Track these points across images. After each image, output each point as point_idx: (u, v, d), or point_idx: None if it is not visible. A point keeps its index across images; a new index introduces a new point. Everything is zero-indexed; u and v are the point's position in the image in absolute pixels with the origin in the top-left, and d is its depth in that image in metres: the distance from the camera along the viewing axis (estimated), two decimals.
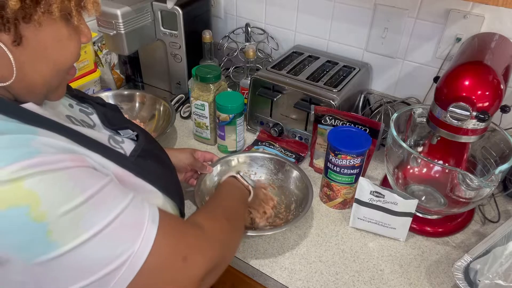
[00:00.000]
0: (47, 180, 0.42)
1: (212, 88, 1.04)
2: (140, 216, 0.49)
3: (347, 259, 0.82)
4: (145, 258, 0.47)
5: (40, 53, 0.48)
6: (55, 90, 0.54)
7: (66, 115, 0.59)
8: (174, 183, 0.68)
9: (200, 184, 0.89)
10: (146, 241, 0.48)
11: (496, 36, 0.87)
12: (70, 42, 0.50)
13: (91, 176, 0.47)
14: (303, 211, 0.83)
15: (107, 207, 0.46)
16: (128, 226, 0.47)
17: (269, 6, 1.26)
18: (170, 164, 0.71)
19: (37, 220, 0.41)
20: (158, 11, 1.16)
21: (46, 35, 0.47)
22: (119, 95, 1.20)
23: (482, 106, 0.73)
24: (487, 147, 0.88)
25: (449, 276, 0.79)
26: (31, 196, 0.41)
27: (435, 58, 1.06)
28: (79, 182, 0.45)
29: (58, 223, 0.42)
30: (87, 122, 0.62)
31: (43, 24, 0.46)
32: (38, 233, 0.42)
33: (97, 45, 1.26)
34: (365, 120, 0.94)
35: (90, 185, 0.46)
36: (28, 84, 0.49)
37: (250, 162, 0.98)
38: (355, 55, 1.18)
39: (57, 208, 0.42)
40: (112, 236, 0.46)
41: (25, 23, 0.45)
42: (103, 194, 0.46)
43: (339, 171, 0.88)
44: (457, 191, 0.81)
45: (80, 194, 0.44)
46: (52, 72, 0.50)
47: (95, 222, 0.44)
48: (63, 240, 0.43)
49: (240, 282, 0.88)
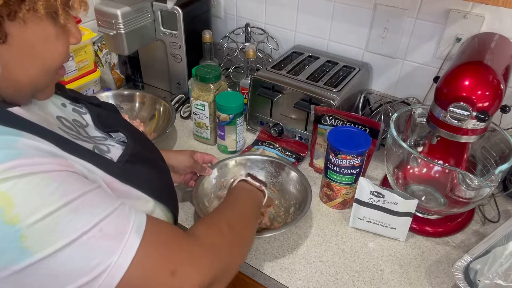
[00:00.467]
0: (23, 183, 0.41)
1: (212, 88, 1.04)
2: (122, 226, 0.46)
3: (347, 259, 0.82)
4: (125, 271, 0.44)
5: (26, 51, 0.47)
6: (42, 89, 0.53)
7: (56, 116, 0.57)
8: (166, 187, 0.65)
9: (198, 186, 0.89)
10: (126, 252, 0.45)
11: (496, 36, 0.87)
12: (57, 42, 0.49)
13: (75, 181, 0.46)
14: (301, 215, 0.83)
15: (87, 214, 0.44)
16: (108, 236, 0.44)
17: (269, 6, 1.26)
18: (163, 167, 0.68)
19: (10, 223, 0.40)
20: (158, 11, 1.16)
21: (32, 33, 0.46)
22: (119, 95, 1.20)
23: (482, 106, 0.73)
24: (487, 147, 0.88)
25: (449, 276, 0.79)
26: (4, 199, 0.40)
27: (435, 58, 1.06)
28: (60, 186, 0.43)
29: (32, 228, 0.40)
30: (79, 122, 0.61)
31: (28, 22, 0.45)
32: (11, 237, 0.40)
33: (97, 45, 1.26)
34: (365, 120, 0.94)
35: (72, 190, 0.44)
36: (14, 83, 0.48)
37: (250, 164, 0.98)
38: (355, 55, 1.18)
39: (31, 212, 0.41)
40: (90, 245, 0.43)
41: (10, 20, 0.44)
42: (85, 200, 0.45)
43: (339, 171, 0.88)
44: (457, 191, 0.81)
45: (59, 198, 0.42)
46: (39, 71, 0.49)
47: (72, 229, 0.42)
48: (37, 246, 0.41)
49: (240, 282, 0.88)
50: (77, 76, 1.19)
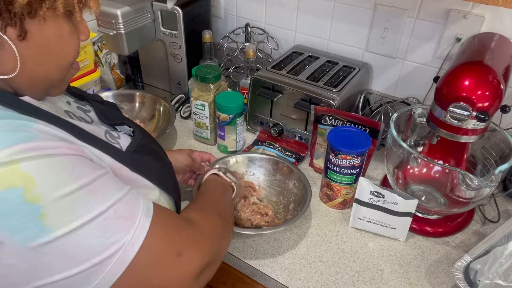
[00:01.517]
0: (43, 164, 0.43)
1: (212, 88, 1.04)
2: (134, 208, 0.49)
3: (347, 259, 0.82)
4: (137, 249, 0.47)
5: (44, 48, 0.49)
6: (57, 85, 0.55)
7: (64, 110, 0.59)
8: (170, 178, 0.68)
9: (198, 184, 0.89)
10: (139, 232, 0.48)
11: (496, 36, 0.87)
12: (71, 39, 0.52)
13: (87, 165, 0.48)
14: (302, 211, 0.83)
15: (102, 196, 0.47)
16: (122, 217, 0.47)
17: (269, 6, 1.26)
18: (166, 160, 0.71)
19: (31, 202, 0.42)
20: (158, 11, 1.16)
21: (49, 30, 0.48)
22: (119, 95, 1.20)
23: (482, 106, 0.73)
24: (487, 147, 0.88)
25: (449, 276, 0.79)
26: (26, 178, 0.42)
27: (435, 58, 1.06)
28: (75, 169, 0.46)
29: (52, 207, 0.43)
30: (85, 119, 0.63)
31: (47, 20, 0.47)
32: (32, 215, 0.42)
33: (97, 45, 1.26)
34: (365, 120, 0.94)
35: (86, 173, 0.47)
36: (30, 78, 0.50)
37: (248, 162, 0.98)
38: (355, 55, 1.18)
39: (51, 191, 0.43)
40: (106, 224, 0.46)
41: (30, 18, 0.46)
42: (99, 184, 0.47)
43: (339, 171, 0.88)
44: (457, 191, 0.81)
45: (75, 180, 0.45)
46: (54, 67, 0.52)
47: (89, 209, 0.45)
48: (56, 224, 0.43)
49: (240, 282, 0.88)
50: (77, 76, 1.19)
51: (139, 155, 0.60)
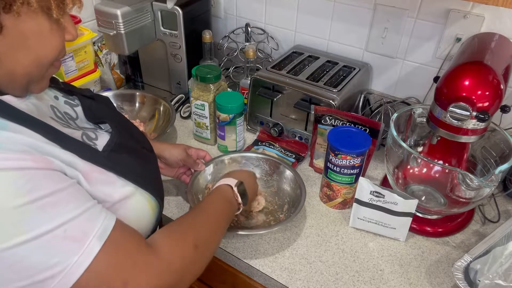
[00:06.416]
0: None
1: (212, 88, 1.04)
2: (88, 229, 0.47)
3: (347, 259, 0.82)
4: (81, 273, 0.46)
5: (21, 43, 0.48)
6: (37, 82, 0.54)
7: (50, 105, 0.59)
8: (151, 175, 0.66)
9: (193, 182, 0.90)
10: (85, 255, 0.46)
11: (496, 36, 0.87)
12: (51, 36, 0.51)
13: (49, 179, 0.47)
14: (295, 212, 0.84)
15: (54, 212, 0.45)
16: (71, 237, 0.46)
17: (269, 6, 1.26)
18: (149, 156, 0.69)
19: None
20: (158, 11, 1.16)
21: (26, 26, 0.48)
22: (119, 95, 1.21)
23: (482, 106, 0.73)
24: (487, 147, 0.88)
25: (449, 276, 0.79)
26: None
27: (435, 58, 1.06)
28: (30, 183, 0.45)
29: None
30: (70, 114, 0.63)
31: (22, 15, 0.46)
32: None
33: (97, 45, 1.26)
34: (365, 120, 0.94)
35: (43, 187, 0.45)
36: (8, 74, 0.50)
37: (245, 162, 0.98)
38: (355, 55, 1.18)
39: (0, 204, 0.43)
40: (53, 243, 0.45)
41: (5, 13, 0.45)
42: (55, 199, 0.46)
43: (339, 171, 0.88)
44: (457, 191, 0.81)
45: (27, 194, 0.44)
46: (33, 63, 0.51)
47: (36, 225, 0.44)
48: (1, 237, 0.43)
49: (240, 282, 0.88)
50: (77, 76, 1.19)
51: (116, 154, 0.59)
